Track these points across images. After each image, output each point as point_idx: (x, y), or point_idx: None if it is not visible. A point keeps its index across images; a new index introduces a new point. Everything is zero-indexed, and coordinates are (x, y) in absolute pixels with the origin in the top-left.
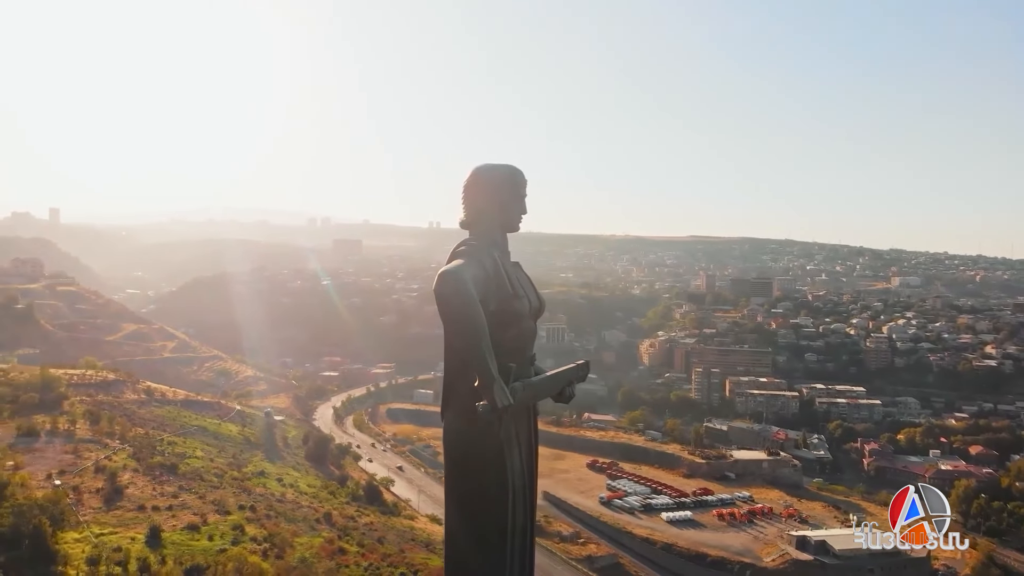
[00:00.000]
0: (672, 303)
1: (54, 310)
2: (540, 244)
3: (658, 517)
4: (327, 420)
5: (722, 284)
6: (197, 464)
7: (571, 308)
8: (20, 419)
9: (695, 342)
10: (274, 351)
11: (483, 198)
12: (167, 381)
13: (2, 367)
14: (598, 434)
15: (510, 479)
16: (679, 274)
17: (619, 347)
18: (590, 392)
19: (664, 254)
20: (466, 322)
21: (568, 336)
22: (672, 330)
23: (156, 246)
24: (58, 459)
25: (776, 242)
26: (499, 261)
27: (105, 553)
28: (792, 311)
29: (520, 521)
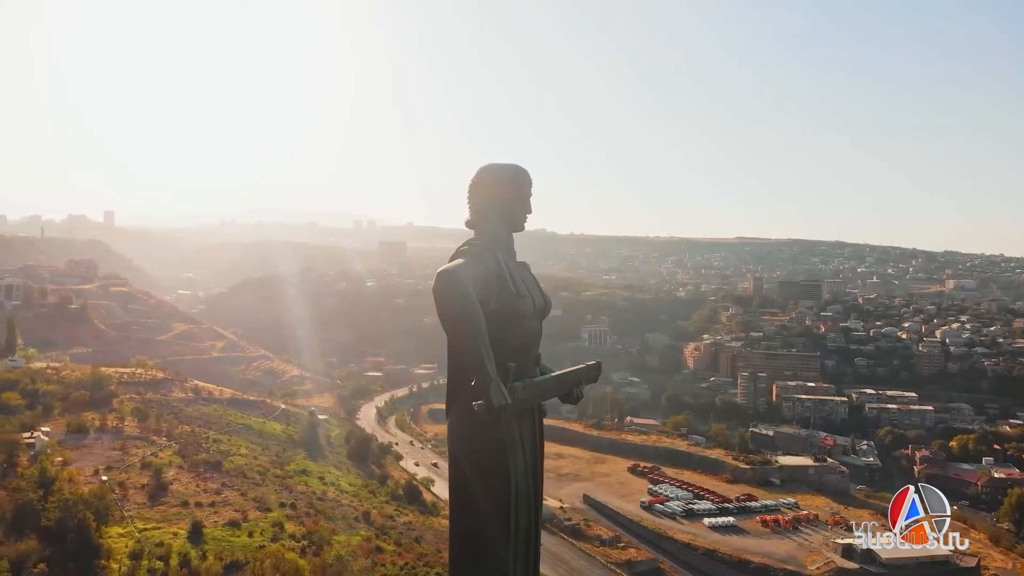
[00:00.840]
0: (718, 306)
1: (107, 310)
2: (583, 246)
3: (700, 523)
4: (370, 419)
5: (770, 287)
6: (241, 462)
7: (614, 311)
8: (70, 416)
9: (741, 346)
10: (320, 351)
11: (487, 198)
12: (215, 380)
13: (55, 365)
14: (640, 438)
15: (513, 480)
16: (726, 276)
17: (663, 350)
18: (633, 396)
19: (710, 256)
20: (463, 321)
21: (610, 339)
22: (718, 333)
23: (207, 248)
24: (106, 455)
25: (826, 244)
26: (502, 260)
27: (147, 548)
28: (842, 314)
29: (524, 522)
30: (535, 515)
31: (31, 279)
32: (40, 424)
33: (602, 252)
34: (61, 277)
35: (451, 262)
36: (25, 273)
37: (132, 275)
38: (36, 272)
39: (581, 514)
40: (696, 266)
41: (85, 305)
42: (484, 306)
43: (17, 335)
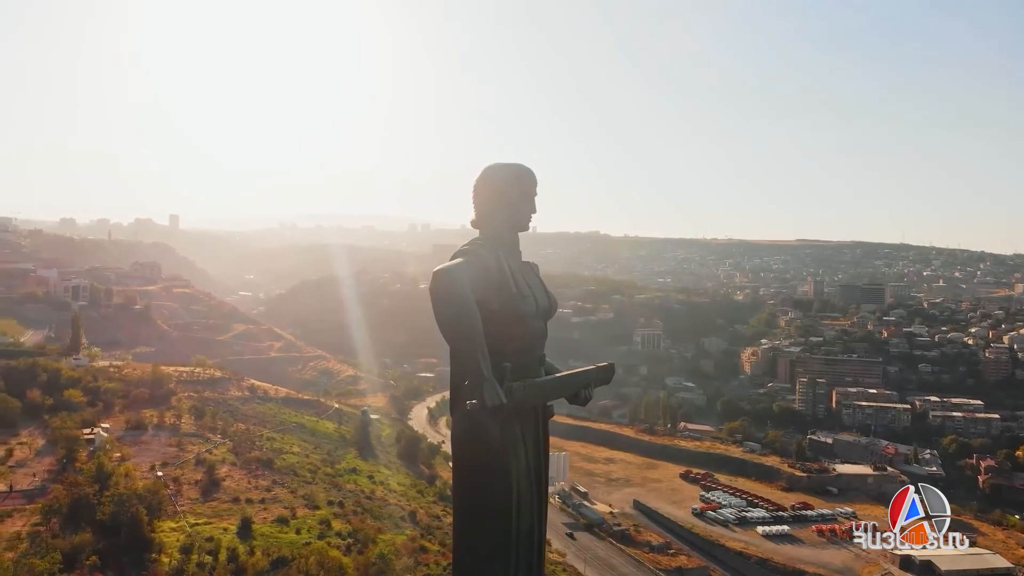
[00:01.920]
0: (777, 310)
1: (170, 311)
2: (637, 248)
3: (754, 531)
4: (421, 420)
5: (831, 290)
6: (292, 460)
7: (668, 314)
8: (130, 413)
9: (800, 351)
10: (374, 352)
11: (491, 198)
12: (273, 379)
13: (117, 364)
14: (693, 444)
15: (514, 480)
16: (785, 280)
17: (719, 355)
18: (687, 401)
19: (770, 259)
20: (457, 321)
21: (664, 343)
22: (776, 338)
23: (267, 251)
24: (162, 451)
25: (890, 246)
26: (503, 260)
27: (197, 542)
28: (906, 319)
29: (526, 523)
30: (538, 516)
31: (98, 280)
32: (101, 421)
33: (657, 254)
34: (126, 279)
35: (450, 261)
36: (92, 275)
37: (195, 277)
38: (102, 274)
39: (631, 520)
40: (754, 269)
41: (149, 306)
42: (484, 306)
43: (82, 334)
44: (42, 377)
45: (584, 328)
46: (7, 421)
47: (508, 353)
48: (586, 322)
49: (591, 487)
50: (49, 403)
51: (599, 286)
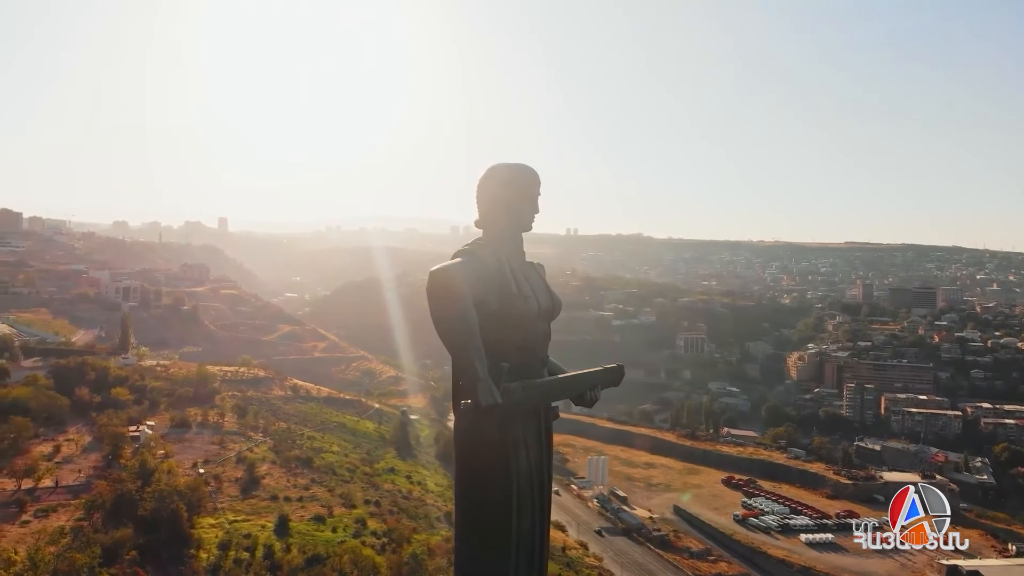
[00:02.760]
0: (825, 314)
1: (217, 312)
2: (681, 251)
3: (796, 538)
4: None
5: (881, 294)
6: (332, 459)
7: (712, 318)
8: (175, 411)
9: (848, 356)
10: (415, 353)
11: (493, 198)
12: (316, 379)
13: (164, 363)
14: (736, 450)
15: (515, 480)
16: (834, 283)
17: (764, 360)
18: (731, 406)
19: (818, 261)
20: (452, 321)
21: (708, 347)
22: (823, 342)
23: (313, 253)
24: (205, 449)
25: (942, 249)
26: (504, 261)
27: (235, 539)
28: (958, 324)
29: (526, 522)
30: (540, 518)
31: (148, 282)
32: (146, 418)
33: (701, 257)
34: (175, 280)
35: (449, 261)
36: (142, 276)
37: (242, 279)
38: (153, 275)
39: (671, 525)
40: (802, 272)
41: (197, 307)
42: (483, 306)
43: (131, 334)
44: (91, 375)
45: (625, 331)
46: (56, 418)
47: (509, 354)
48: (627, 325)
49: (630, 492)
50: (97, 401)
51: (641, 289)
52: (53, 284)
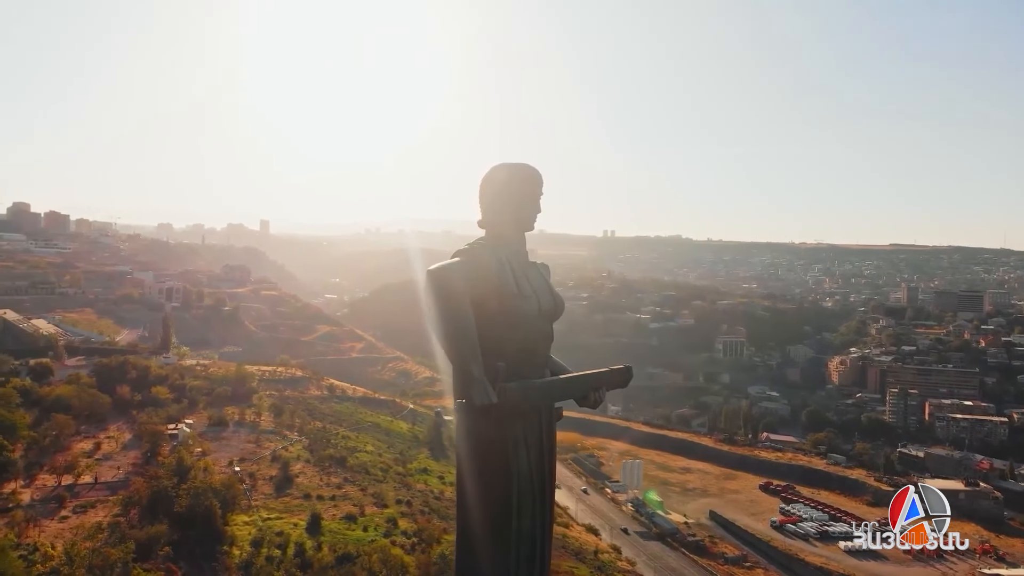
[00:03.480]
0: (868, 317)
1: (257, 312)
2: (721, 253)
3: (835, 546)
4: None
5: (926, 297)
6: (365, 458)
7: (752, 321)
8: (212, 410)
9: (892, 360)
10: None
11: (494, 197)
12: (353, 379)
13: (204, 362)
14: (774, 455)
15: (514, 480)
16: (877, 286)
17: (805, 364)
18: (770, 411)
19: (861, 264)
20: (446, 320)
21: (747, 350)
22: (866, 347)
23: (352, 255)
24: (241, 447)
25: (990, 251)
26: (504, 260)
27: (268, 536)
28: (1005, 328)
29: (527, 525)
30: (541, 519)
31: (190, 283)
32: (184, 417)
33: (742, 259)
34: (217, 281)
35: (446, 261)
36: (185, 277)
37: (283, 280)
38: (195, 276)
39: (706, 530)
40: (845, 275)
41: (237, 307)
42: (482, 306)
43: (172, 334)
44: (132, 374)
45: (663, 334)
46: (97, 416)
47: (509, 354)
48: (665, 328)
49: (666, 496)
50: (137, 399)
51: (679, 291)
52: (99, 285)
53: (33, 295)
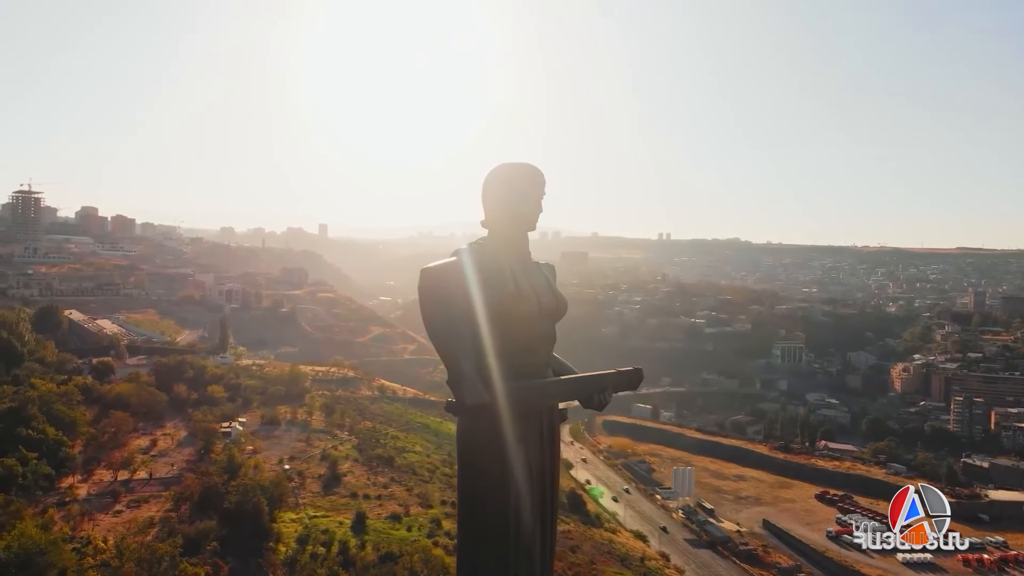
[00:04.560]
0: (933, 323)
1: (313, 314)
2: (780, 256)
3: (893, 558)
4: None
5: (994, 302)
6: (413, 459)
7: (812, 326)
8: (266, 409)
9: (957, 367)
10: None
11: (496, 197)
12: (404, 380)
13: (260, 362)
14: (831, 464)
15: (513, 481)
16: (943, 291)
17: (867, 371)
18: (829, 419)
19: (927, 268)
20: (438, 319)
21: (807, 357)
22: (931, 353)
23: (407, 258)
24: (292, 446)
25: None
26: (503, 259)
27: (313, 534)
28: None
29: (527, 526)
30: (542, 520)
31: (249, 285)
32: (238, 415)
33: (802, 263)
34: (276, 283)
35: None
36: (245, 280)
37: (339, 283)
38: (254, 279)
39: (759, 540)
40: (909, 279)
41: (294, 309)
42: (477, 305)
43: (229, 335)
44: (189, 373)
45: (719, 339)
46: (155, 414)
47: (508, 354)
48: (721, 333)
49: (718, 504)
50: (194, 398)
51: (736, 295)
52: (162, 286)
53: (99, 296)
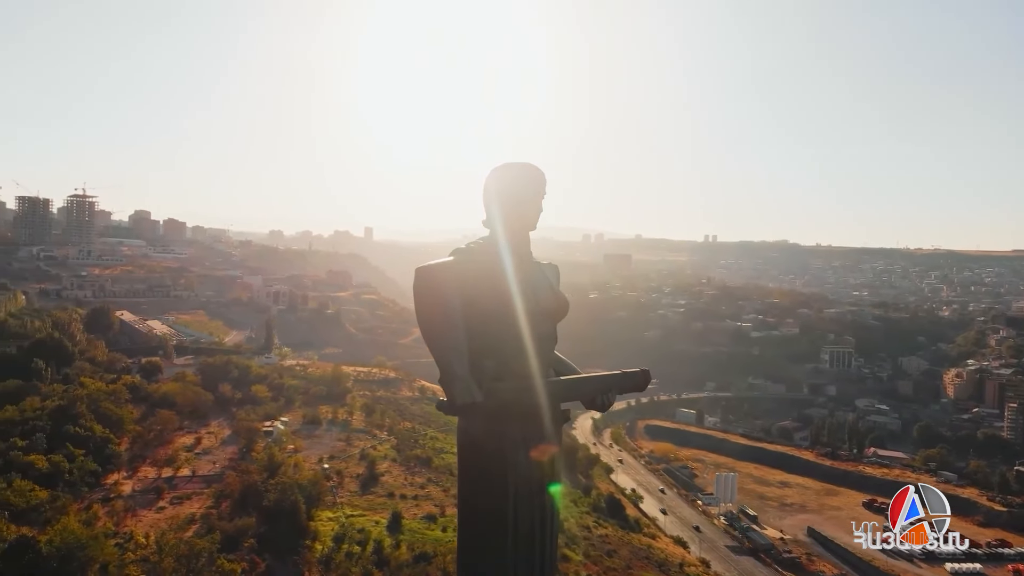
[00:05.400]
0: (987, 327)
1: (357, 315)
2: (830, 259)
3: (942, 567)
4: (585, 431)
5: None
6: (451, 459)
7: (862, 330)
8: (307, 408)
9: (1012, 373)
10: None
11: (496, 197)
12: None
13: (303, 363)
14: (880, 471)
15: (511, 482)
16: (999, 294)
17: (918, 376)
18: (879, 425)
19: (982, 271)
20: (430, 318)
21: (856, 362)
22: (985, 359)
23: None
24: (332, 445)
25: None
26: (503, 259)
27: (349, 533)
28: None
29: (526, 528)
30: (540, 522)
31: (296, 287)
32: (281, 414)
33: (852, 266)
34: (321, 285)
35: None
36: (291, 282)
37: (383, 285)
38: (301, 281)
39: (804, 547)
40: (964, 282)
41: (339, 311)
42: (473, 304)
43: (274, 335)
44: (234, 373)
45: (765, 343)
46: (200, 412)
47: (506, 353)
48: (767, 337)
49: (762, 511)
50: (238, 397)
51: (783, 299)
52: (211, 288)
53: (150, 297)
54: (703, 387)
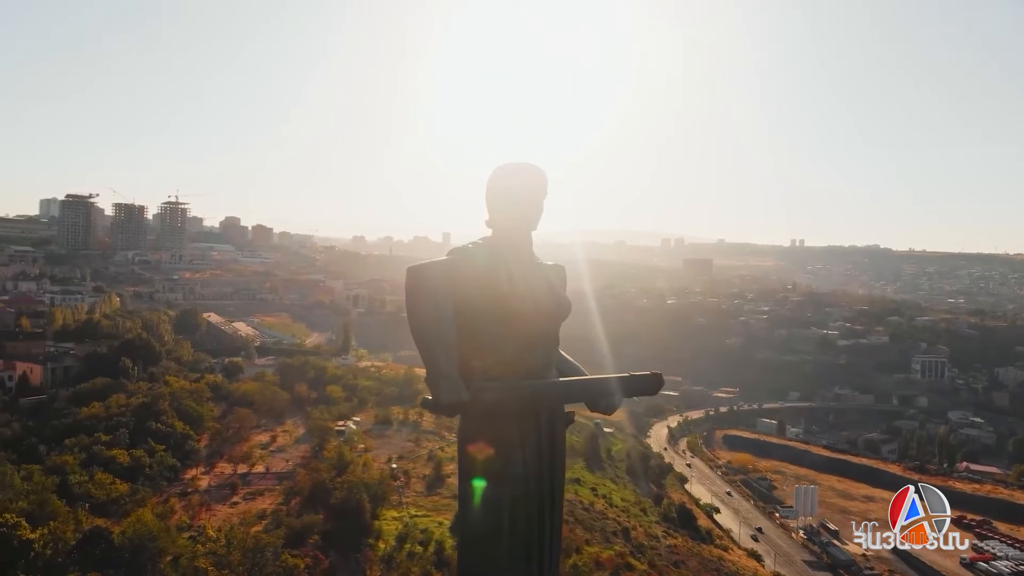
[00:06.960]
0: None
1: None
2: (924, 264)
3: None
4: (660, 439)
5: None
6: None
7: (956, 339)
8: (379, 409)
9: None
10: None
11: (497, 197)
12: None
13: (378, 364)
14: (971, 487)
15: (508, 483)
16: None
17: (1016, 388)
18: (972, 438)
19: None
20: (419, 317)
21: (949, 372)
22: None
23: None
24: (401, 445)
25: None
26: (500, 259)
27: (412, 532)
28: None
29: (522, 529)
30: (539, 524)
31: (375, 291)
32: (353, 414)
33: (947, 272)
34: (400, 290)
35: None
36: (371, 286)
37: None
38: (380, 285)
39: (886, 564)
40: None
41: None
42: (469, 304)
43: (351, 337)
44: (310, 374)
45: (853, 352)
46: (276, 411)
47: (504, 354)
48: (855, 345)
49: (843, 526)
50: (313, 397)
51: (873, 306)
52: (295, 292)
53: (237, 300)
54: (786, 397)
